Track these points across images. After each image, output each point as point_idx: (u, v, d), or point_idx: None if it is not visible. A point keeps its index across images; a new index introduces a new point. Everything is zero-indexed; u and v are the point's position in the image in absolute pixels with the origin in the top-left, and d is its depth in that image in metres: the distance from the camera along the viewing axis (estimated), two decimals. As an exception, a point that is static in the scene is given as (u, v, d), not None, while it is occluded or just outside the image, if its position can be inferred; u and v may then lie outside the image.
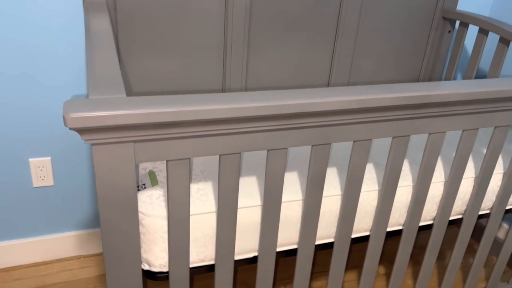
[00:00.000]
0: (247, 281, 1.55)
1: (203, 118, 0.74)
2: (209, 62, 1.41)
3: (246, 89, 1.50)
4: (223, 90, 1.47)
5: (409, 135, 0.96)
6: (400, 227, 1.13)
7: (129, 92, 1.38)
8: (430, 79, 1.75)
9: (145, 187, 0.95)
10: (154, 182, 0.96)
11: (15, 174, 1.42)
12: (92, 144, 0.73)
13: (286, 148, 0.87)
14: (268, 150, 0.86)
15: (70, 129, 0.68)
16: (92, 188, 1.55)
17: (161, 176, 0.99)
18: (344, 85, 1.62)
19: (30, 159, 1.42)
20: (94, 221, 1.61)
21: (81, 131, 0.70)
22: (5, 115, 1.33)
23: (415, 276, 1.65)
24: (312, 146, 0.89)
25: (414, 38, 1.65)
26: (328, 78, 1.60)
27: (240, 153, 0.84)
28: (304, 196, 0.99)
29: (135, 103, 0.72)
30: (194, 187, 0.96)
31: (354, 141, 0.92)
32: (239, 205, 0.95)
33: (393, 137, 0.95)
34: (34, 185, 1.46)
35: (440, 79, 1.76)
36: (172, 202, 0.83)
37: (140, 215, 0.89)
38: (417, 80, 1.75)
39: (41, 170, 1.45)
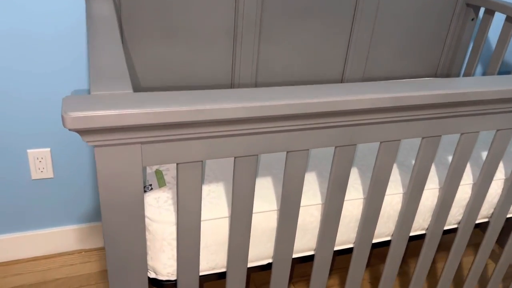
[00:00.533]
0: (256, 280, 1.49)
1: (219, 118, 0.66)
2: (218, 50, 1.33)
3: (257, 78, 1.42)
4: (232, 79, 1.39)
5: (440, 136, 0.88)
6: (423, 232, 1.06)
7: (136, 84, 1.30)
8: (449, 71, 1.67)
9: (151, 188, 0.88)
10: (161, 182, 0.89)
11: (12, 166, 1.35)
12: (95, 146, 0.65)
13: (307, 150, 0.79)
14: (287, 152, 0.78)
15: (70, 130, 0.60)
16: (94, 180, 1.47)
17: (169, 176, 0.92)
18: (360, 75, 1.53)
19: (29, 150, 1.35)
20: (96, 215, 1.54)
21: (82, 132, 0.62)
22: (2, 104, 1.26)
23: (427, 280, 1.58)
24: (336, 147, 0.82)
25: (434, 26, 1.56)
26: (343, 68, 1.51)
27: (257, 155, 0.76)
28: (324, 200, 0.92)
29: (143, 100, 0.64)
30: (205, 189, 0.88)
31: (381, 142, 0.84)
32: (253, 210, 0.87)
33: (423, 138, 0.87)
34: (33, 177, 1.39)
35: (459, 71, 1.67)
36: (182, 209, 0.75)
37: (146, 220, 0.82)
38: (436, 72, 1.66)
39: (40, 162, 1.38)
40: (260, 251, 0.90)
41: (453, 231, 1.12)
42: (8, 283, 1.43)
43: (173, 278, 0.86)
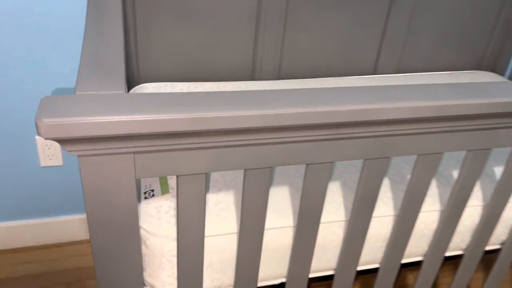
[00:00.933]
0: None
1: (226, 128, 0.55)
2: (239, 35, 1.21)
3: (280, 67, 1.29)
4: (253, 68, 1.27)
5: (490, 149, 0.74)
6: (460, 252, 0.94)
7: (147, 71, 1.19)
8: (495, 65, 1.50)
9: (153, 195, 0.78)
10: (164, 188, 0.79)
11: (20, 153, 1.30)
12: (79, 156, 0.56)
13: (331, 162, 0.67)
14: (307, 164, 0.67)
15: (46, 139, 0.51)
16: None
17: (174, 181, 0.82)
18: (394, 66, 1.39)
19: (37, 137, 1.29)
20: (107, 205, 1.47)
21: (61, 141, 0.53)
22: (10, 88, 1.19)
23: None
24: (365, 160, 0.70)
25: (481, 13, 1.39)
26: (376, 58, 1.37)
27: (271, 167, 0.65)
28: (348, 216, 0.80)
29: (136, 104, 0.54)
30: (213, 199, 0.78)
31: (419, 155, 0.72)
32: (266, 226, 0.77)
33: (469, 151, 0.74)
34: (42, 165, 1.33)
35: (506, 66, 1.49)
36: (183, 225, 0.66)
37: (143, 233, 0.72)
38: (480, 65, 1.49)
39: (49, 149, 1.32)
40: (272, 270, 0.80)
41: (494, 251, 0.99)
42: (16, 271, 1.38)
43: (174, 296, 0.77)
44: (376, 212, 0.81)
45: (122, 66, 0.63)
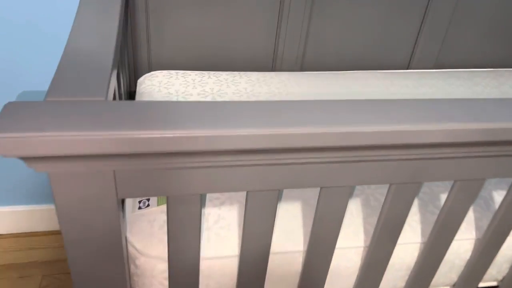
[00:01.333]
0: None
1: (223, 148, 0.46)
2: (259, 21, 1.11)
3: (303, 60, 1.18)
4: (274, 59, 1.17)
5: (543, 176, 0.63)
6: (494, 283, 0.82)
7: (160, 62, 1.10)
8: (547, 60, 1.34)
9: (148, 205, 0.70)
10: (161, 199, 0.71)
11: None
12: (49, 172, 0.47)
13: (351, 186, 0.57)
14: (321, 188, 0.57)
15: (5, 157, 0.42)
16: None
17: (174, 190, 0.73)
18: (431, 61, 1.25)
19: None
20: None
21: (25, 158, 0.44)
22: (7, 75, 1.12)
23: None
24: (391, 184, 0.59)
25: (535, 4, 1.23)
26: (412, 51, 1.24)
27: (278, 190, 0.55)
28: (368, 242, 0.70)
29: (115, 117, 0.44)
30: (214, 214, 0.69)
31: (456, 181, 0.61)
32: (273, 249, 0.67)
33: (516, 177, 0.63)
34: (50, 151, 1.27)
35: (561, 61, 1.33)
36: (174, 249, 0.57)
37: (133, 251, 0.64)
38: (530, 61, 1.34)
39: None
40: (278, 297, 0.71)
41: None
42: (22, 257, 1.35)
43: (167, 319, 0.70)
44: (401, 239, 0.71)
45: (109, 65, 0.53)
